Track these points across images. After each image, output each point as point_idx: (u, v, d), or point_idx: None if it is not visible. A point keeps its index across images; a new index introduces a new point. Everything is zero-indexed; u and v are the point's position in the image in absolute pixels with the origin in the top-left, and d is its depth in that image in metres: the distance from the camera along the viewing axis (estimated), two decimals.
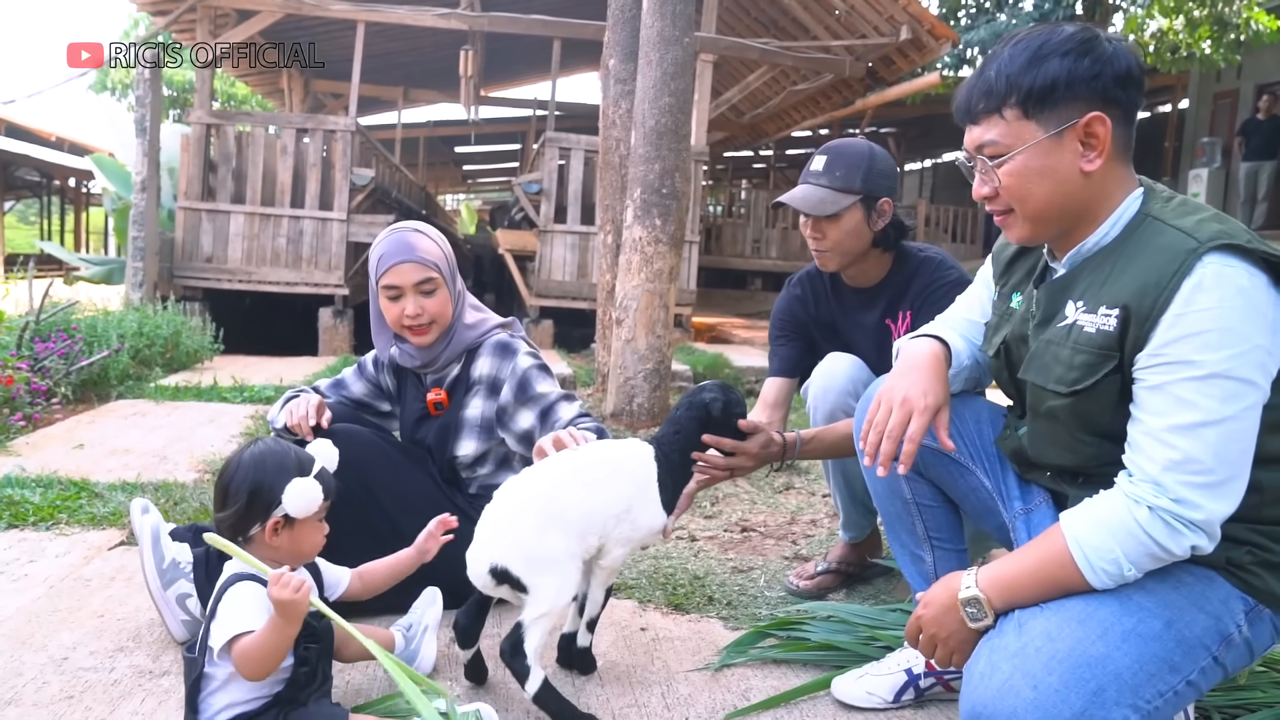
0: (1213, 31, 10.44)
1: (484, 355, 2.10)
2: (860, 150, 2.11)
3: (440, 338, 2.08)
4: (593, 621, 1.77)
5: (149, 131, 7.35)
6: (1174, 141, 14.53)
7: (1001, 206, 1.38)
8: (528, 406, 2.04)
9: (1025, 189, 1.33)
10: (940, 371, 1.47)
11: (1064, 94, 1.28)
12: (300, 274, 7.98)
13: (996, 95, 1.31)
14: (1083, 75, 1.27)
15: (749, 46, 9.15)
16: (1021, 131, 1.31)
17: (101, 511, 2.69)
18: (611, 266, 4.81)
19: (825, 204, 2.07)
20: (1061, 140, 1.29)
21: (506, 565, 1.54)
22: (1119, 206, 1.33)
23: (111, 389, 4.85)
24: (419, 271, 2.01)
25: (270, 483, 1.45)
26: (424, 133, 17.59)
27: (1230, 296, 1.18)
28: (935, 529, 1.65)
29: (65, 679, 1.69)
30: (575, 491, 1.61)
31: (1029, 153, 1.31)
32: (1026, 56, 1.30)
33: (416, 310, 2.02)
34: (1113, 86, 1.28)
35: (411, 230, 2.08)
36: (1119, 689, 1.18)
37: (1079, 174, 1.30)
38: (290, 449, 1.51)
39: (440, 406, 2.11)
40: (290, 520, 1.46)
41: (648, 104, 4.22)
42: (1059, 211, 1.33)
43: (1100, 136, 1.28)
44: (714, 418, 1.78)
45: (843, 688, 1.71)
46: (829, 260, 2.16)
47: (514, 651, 1.55)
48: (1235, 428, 1.19)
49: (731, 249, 12.94)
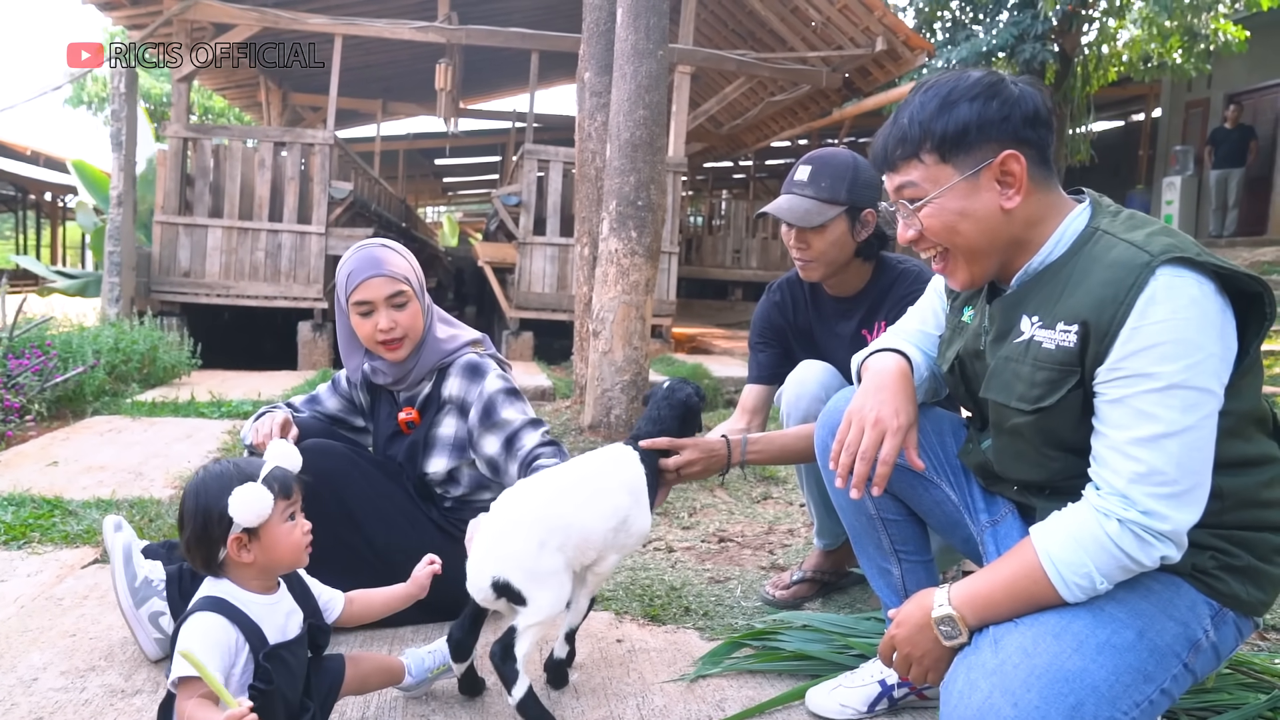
0: (1183, 42, 10.62)
1: (454, 375, 2.10)
2: (845, 161, 2.12)
3: (412, 352, 2.09)
4: (572, 632, 1.78)
5: (124, 146, 7.30)
6: (1148, 149, 14.72)
7: (928, 248, 1.41)
8: (492, 432, 2.04)
9: (950, 229, 1.36)
10: (909, 389, 1.49)
11: (976, 136, 1.32)
12: (279, 288, 7.94)
13: (912, 141, 1.36)
14: (992, 117, 1.31)
15: (726, 58, 9.21)
16: (939, 175, 1.34)
17: (75, 529, 2.66)
18: (589, 279, 4.82)
19: (811, 215, 2.08)
20: (978, 180, 1.33)
21: (508, 579, 1.56)
22: (1058, 228, 1.35)
23: (87, 405, 4.81)
24: (389, 285, 2.01)
25: (216, 503, 1.39)
26: (403, 145, 17.57)
27: (1183, 307, 1.20)
28: (901, 542, 1.66)
29: (34, 700, 1.67)
30: (575, 507, 1.64)
31: (948, 195, 1.34)
32: (937, 103, 1.34)
33: (389, 324, 2.01)
34: (1022, 127, 1.32)
35: (378, 246, 2.08)
36: (1097, 702, 1.20)
37: (999, 211, 1.33)
38: (231, 465, 1.45)
39: (412, 425, 2.11)
40: (252, 532, 1.41)
41: (622, 117, 4.24)
42: (988, 247, 1.36)
43: (1016, 174, 1.32)
44: (693, 410, 1.81)
45: (817, 700, 1.71)
46: (812, 271, 2.17)
47: (504, 656, 1.56)
48: (1195, 437, 1.21)
49: (712, 259, 12.97)
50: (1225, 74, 12.87)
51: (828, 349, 2.28)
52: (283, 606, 1.46)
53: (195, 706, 1.30)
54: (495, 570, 1.56)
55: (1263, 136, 12.10)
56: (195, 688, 1.31)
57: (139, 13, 8.17)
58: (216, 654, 1.33)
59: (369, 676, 1.62)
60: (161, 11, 7.96)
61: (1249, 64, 12.34)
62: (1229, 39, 10.45)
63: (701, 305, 12.74)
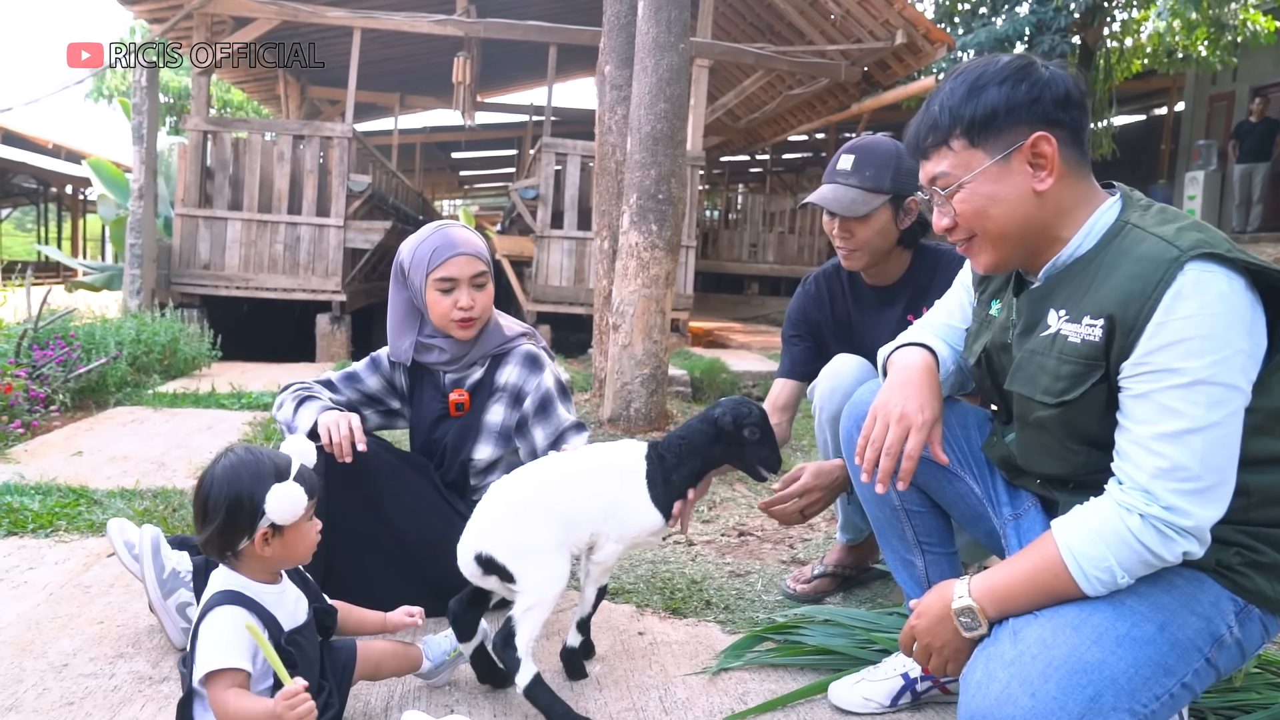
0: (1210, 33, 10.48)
1: (511, 364, 2.11)
2: (888, 149, 2.11)
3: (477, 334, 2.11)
4: (584, 622, 1.78)
5: (146, 139, 7.36)
6: (1170, 144, 14.56)
7: (963, 235, 1.40)
8: (544, 426, 2.07)
9: (981, 214, 1.35)
10: (934, 384, 1.49)
11: (1005, 120, 1.31)
12: (298, 280, 7.98)
13: (942, 128, 1.35)
14: (1022, 100, 1.31)
15: (744, 51, 9.17)
16: (969, 160, 1.34)
17: (100, 518, 2.69)
18: (608, 272, 4.82)
19: (857, 205, 2.07)
20: (1009, 164, 1.32)
21: (491, 553, 1.60)
22: (1088, 219, 1.35)
23: (110, 396, 4.86)
24: (474, 265, 2.05)
25: (249, 493, 1.39)
26: (420, 138, 17.62)
27: (1211, 302, 1.19)
28: (925, 534, 1.66)
29: (65, 685, 1.69)
30: (561, 486, 1.67)
31: (979, 179, 1.34)
32: (965, 89, 1.34)
33: (469, 303, 2.04)
34: (1053, 108, 1.31)
35: (458, 226, 2.12)
36: (1115, 694, 1.20)
37: (1032, 194, 1.33)
38: (263, 454, 1.44)
39: (461, 408, 2.12)
40: (278, 528, 1.41)
41: (643, 110, 4.23)
42: (1019, 232, 1.35)
43: (1048, 156, 1.31)
44: (724, 432, 1.74)
45: (839, 693, 1.72)
46: (856, 260, 2.17)
47: (505, 644, 1.59)
48: (1221, 433, 1.20)
49: (728, 253, 12.95)
50: (1251, 66, 12.70)
51: (870, 339, 2.26)
52: (290, 594, 1.48)
53: (236, 696, 1.32)
54: (478, 545, 1.61)
55: None
56: (226, 680, 1.32)
57: (160, 6, 8.22)
58: (241, 646, 1.34)
59: (382, 661, 1.63)
60: (182, 5, 8.01)
61: (1276, 56, 12.17)
62: (1258, 30, 10.30)
63: (718, 300, 12.73)
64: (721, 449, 1.75)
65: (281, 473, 1.42)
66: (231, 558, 1.43)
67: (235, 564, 1.43)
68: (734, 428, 1.73)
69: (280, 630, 1.40)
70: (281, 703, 1.28)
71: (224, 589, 1.40)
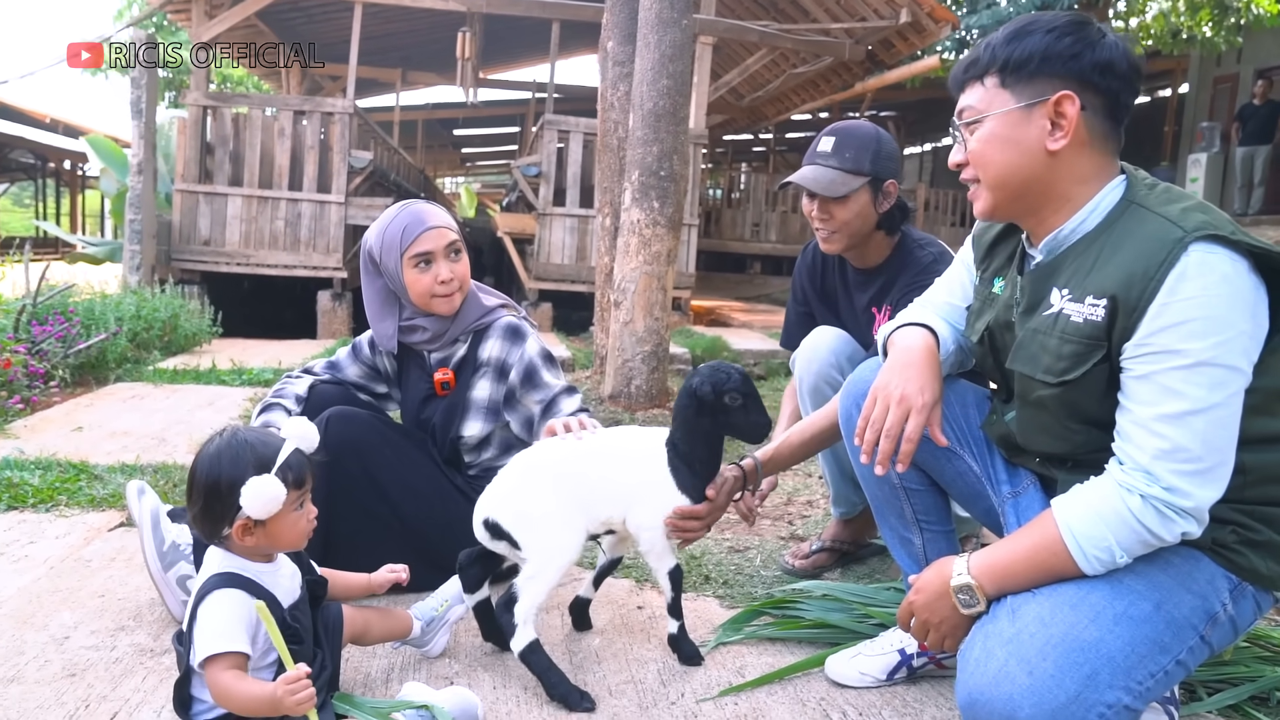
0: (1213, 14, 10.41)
1: (493, 337, 2.11)
2: (868, 132, 2.14)
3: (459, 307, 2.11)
4: (672, 606, 1.76)
5: (145, 114, 7.32)
6: (1174, 126, 14.49)
7: (971, 175, 1.40)
8: (532, 395, 2.07)
9: (988, 155, 1.35)
10: (935, 366, 1.49)
11: (1038, 68, 1.30)
12: (299, 257, 7.97)
13: (980, 64, 1.36)
14: (1060, 53, 1.30)
15: (748, 29, 9.10)
16: (995, 99, 1.34)
17: (101, 493, 2.71)
18: (610, 249, 4.81)
19: (835, 185, 2.09)
20: (1030, 114, 1.32)
21: (498, 519, 1.65)
22: (1097, 194, 1.34)
23: (110, 372, 4.86)
24: (446, 236, 2.05)
25: (227, 482, 1.34)
26: (422, 115, 17.51)
27: (1214, 284, 1.19)
28: (923, 512, 1.67)
29: (67, 657, 1.71)
30: (580, 466, 1.69)
31: (998, 119, 1.34)
32: (1015, 29, 1.34)
33: (449, 275, 2.04)
34: (1090, 71, 1.29)
35: (420, 203, 2.12)
36: (1112, 672, 1.21)
37: (1043, 151, 1.32)
38: (249, 442, 1.39)
39: (447, 386, 2.12)
40: (259, 520, 1.36)
41: (646, 86, 4.21)
42: (1019, 185, 1.35)
43: (1069, 117, 1.30)
44: (704, 402, 1.69)
45: (836, 667, 1.73)
46: (835, 242, 2.18)
47: (506, 608, 1.62)
48: (1222, 415, 1.20)
49: (731, 232, 12.92)
50: (1255, 49, 12.61)
51: (845, 317, 2.31)
52: (285, 570, 1.47)
53: (234, 678, 1.32)
54: (487, 511, 1.67)
55: None
56: (224, 662, 1.32)
57: None
58: (240, 628, 1.34)
59: (370, 621, 1.63)
60: None
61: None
62: (1261, 12, 10.24)
63: (720, 278, 12.71)
64: (709, 419, 1.70)
65: (264, 463, 1.36)
66: (218, 541, 1.41)
67: (226, 545, 1.42)
68: (714, 396, 1.68)
69: (281, 609, 1.40)
70: (283, 687, 1.28)
71: (220, 570, 1.39)
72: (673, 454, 1.72)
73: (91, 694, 1.58)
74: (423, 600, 1.79)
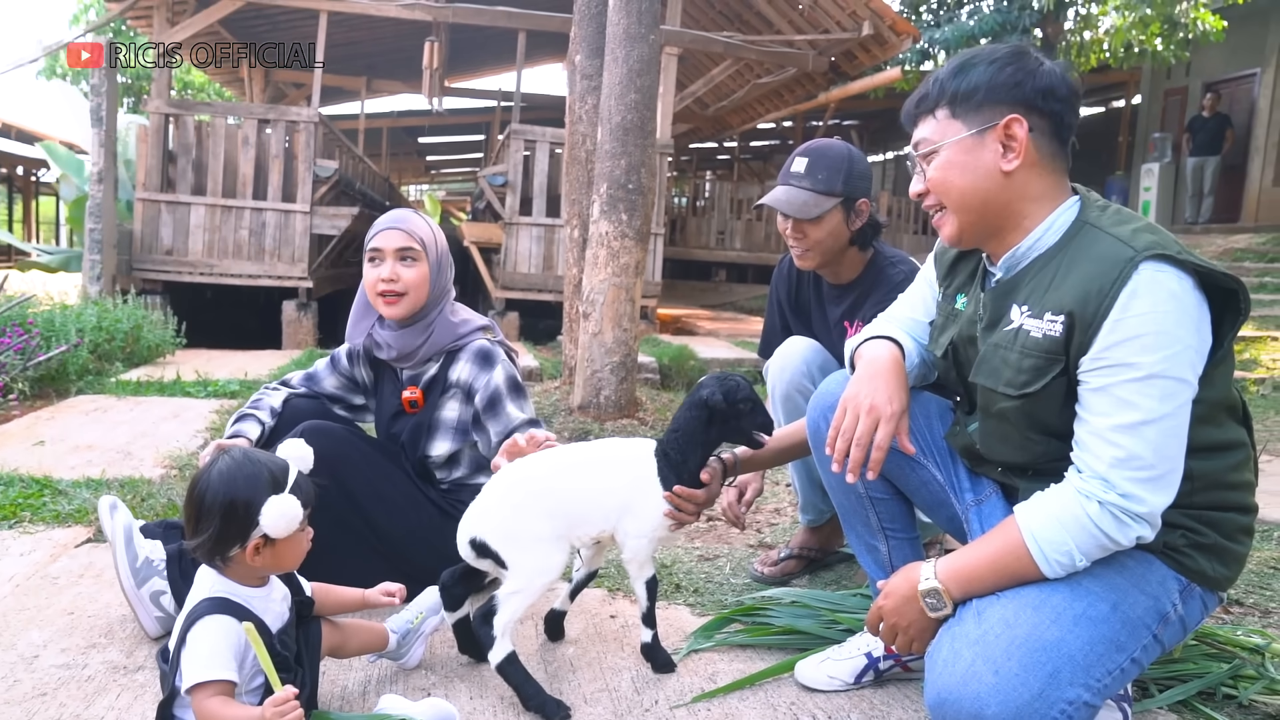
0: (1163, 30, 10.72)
1: (464, 360, 2.12)
2: (840, 153, 2.18)
3: (414, 325, 2.12)
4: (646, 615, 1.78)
5: (105, 121, 7.22)
6: (1128, 136, 14.85)
7: (933, 202, 1.47)
8: (493, 424, 2.09)
9: (947, 181, 1.42)
10: (902, 377, 1.54)
11: (985, 97, 1.38)
12: (263, 266, 7.89)
13: (930, 99, 1.44)
14: (1004, 82, 1.38)
15: (713, 40, 9.19)
16: (948, 129, 1.42)
17: (66, 509, 2.67)
18: (578, 260, 4.84)
19: (809, 207, 2.14)
20: (983, 139, 1.39)
21: (485, 539, 1.64)
22: (1051, 214, 1.41)
23: (71, 384, 4.78)
24: (402, 239, 2.07)
25: (245, 501, 1.37)
26: (387, 123, 17.42)
27: (1163, 300, 1.26)
28: (889, 520, 1.72)
29: (37, 676, 1.69)
30: (567, 480, 1.69)
31: (952, 148, 1.41)
32: (958, 64, 1.43)
33: (391, 275, 2.06)
34: (1034, 96, 1.37)
35: (409, 210, 2.17)
36: (1072, 670, 1.27)
37: (999, 173, 1.39)
38: (262, 462, 1.42)
39: (415, 405, 2.14)
40: (270, 538, 1.39)
41: (614, 100, 4.25)
42: (980, 206, 1.42)
43: (1019, 138, 1.37)
44: (718, 411, 1.74)
45: (805, 672, 1.77)
46: (809, 259, 2.23)
47: (484, 620, 1.63)
48: (1172, 424, 1.27)
49: (696, 240, 13.00)
50: (1203, 63, 13.00)
51: (818, 330, 2.35)
52: (276, 593, 1.48)
53: (220, 704, 1.32)
54: (474, 529, 1.65)
55: (1238, 125, 12.26)
56: (211, 689, 1.32)
57: None
58: (228, 655, 1.34)
59: (348, 634, 1.64)
60: None
61: (1226, 53, 12.47)
62: (1208, 28, 10.56)
63: (685, 286, 12.77)
64: (718, 429, 1.76)
65: (279, 482, 1.40)
66: (220, 562, 1.42)
67: (223, 568, 1.42)
68: (727, 405, 1.74)
69: (270, 635, 1.40)
70: (271, 710, 1.29)
71: (211, 596, 1.39)
72: (663, 463, 1.75)
73: (64, 713, 1.56)
74: (397, 613, 1.80)
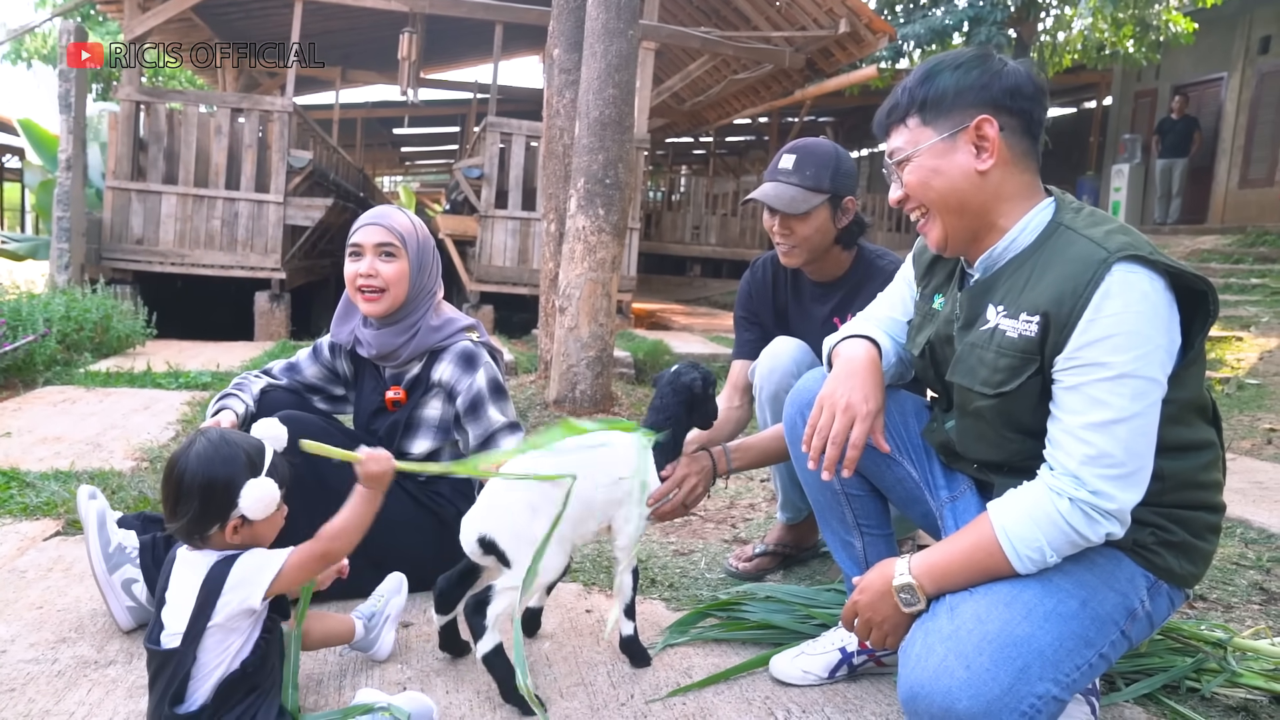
0: (1135, 31, 10.87)
1: (447, 360, 2.12)
2: (828, 151, 2.21)
3: (397, 324, 2.11)
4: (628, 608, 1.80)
5: (74, 108, 7.09)
6: (1098, 136, 15.04)
7: (913, 207, 1.49)
8: (473, 427, 2.09)
9: (925, 185, 1.45)
10: (878, 376, 1.56)
11: (954, 101, 1.41)
12: (235, 257, 7.80)
13: (900, 108, 1.46)
14: (971, 85, 1.40)
15: (691, 35, 9.19)
16: (920, 136, 1.44)
17: (34, 501, 2.63)
18: (555, 255, 4.83)
19: (797, 202, 2.16)
20: (955, 142, 1.41)
21: (494, 538, 1.63)
22: (1026, 214, 1.43)
23: (38, 375, 4.72)
24: (382, 235, 2.07)
25: (223, 482, 1.39)
26: (362, 114, 17.24)
27: (1135, 301, 1.28)
28: (864, 517, 1.74)
29: (5, 671, 1.67)
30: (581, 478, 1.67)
31: (926, 153, 1.43)
32: (924, 72, 1.45)
33: (370, 270, 2.06)
34: (1002, 96, 1.40)
35: (394, 207, 2.16)
36: (1042, 665, 1.29)
37: (975, 174, 1.42)
38: (238, 443, 1.44)
39: (398, 404, 2.14)
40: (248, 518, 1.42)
41: (592, 95, 4.24)
42: (959, 206, 1.44)
43: (990, 138, 1.40)
44: (698, 396, 1.83)
45: (780, 666, 1.79)
46: (795, 256, 2.24)
47: (477, 609, 1.62)
48: (1142, 423, 1.30)
49: (671, 235, 13.01)
50: (1173, 66, 13.19)
51: (799, 330, 2.35)
52: None
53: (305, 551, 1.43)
54: (483, 528, 1.64)
55: (1205, 128, 12.46)
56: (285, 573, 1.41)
57: None
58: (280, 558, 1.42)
59: (310, 625, 1.65)
60: None
61: (1195, 57, 12.67)
62: (1178, 30, 10.73)
63: (660, 281, 12.80)
64: (699, 415, 1.85)
65: (255, 464, 1.42)
66: (199, 540, 1.43)
67: (201, 546, 1.43)
68: (704, 389, 1.84)
69: None
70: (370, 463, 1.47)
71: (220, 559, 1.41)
72: (659, 455, 1.82)
73: (33, 709, 1.54)
74: (361, 603, 1.81)
